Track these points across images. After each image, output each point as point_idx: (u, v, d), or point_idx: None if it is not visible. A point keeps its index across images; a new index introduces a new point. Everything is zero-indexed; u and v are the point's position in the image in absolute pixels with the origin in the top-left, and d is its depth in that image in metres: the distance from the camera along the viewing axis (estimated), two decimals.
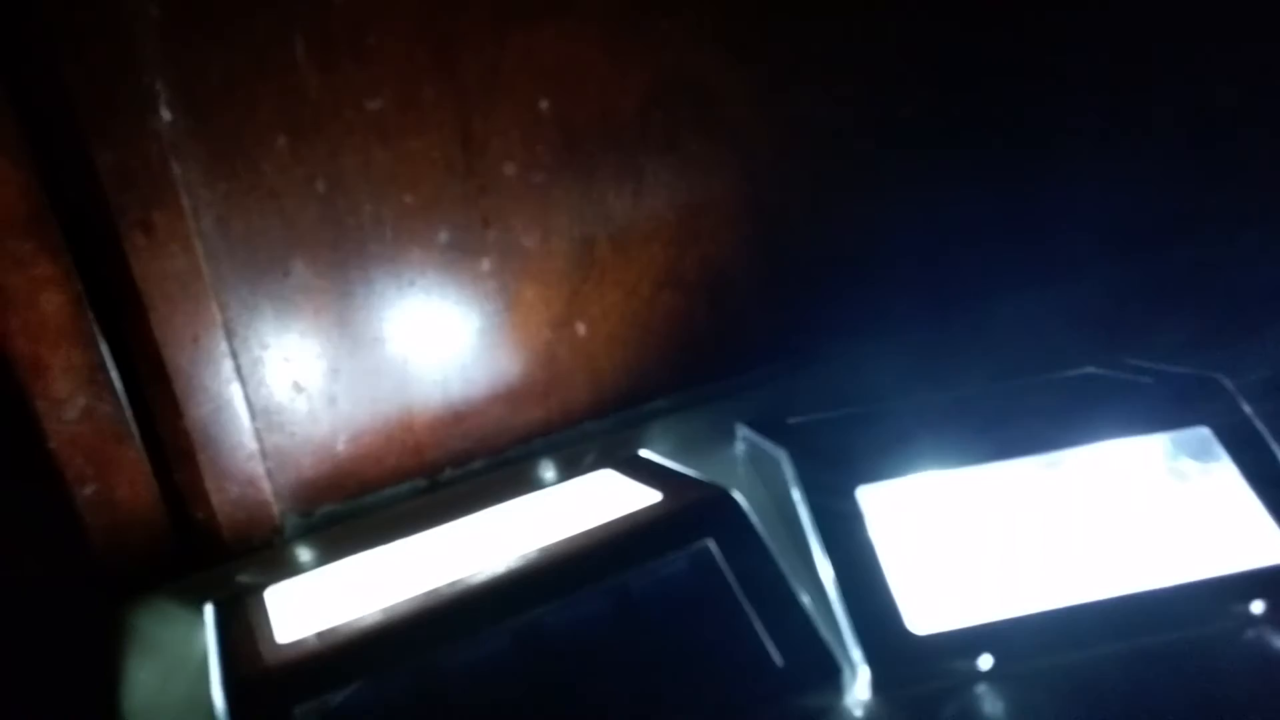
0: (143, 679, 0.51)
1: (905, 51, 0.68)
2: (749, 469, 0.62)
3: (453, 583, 0.49)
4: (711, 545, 0.51)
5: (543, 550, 0.51)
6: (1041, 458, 0.55)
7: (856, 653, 0.48)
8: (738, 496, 0.54)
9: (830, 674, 0.48)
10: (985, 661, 0.48)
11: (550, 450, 0.65)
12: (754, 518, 0.53)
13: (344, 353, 0.57)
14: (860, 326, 0.71)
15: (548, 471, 0.64)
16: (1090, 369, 0.65)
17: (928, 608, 0.50)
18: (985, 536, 0.53)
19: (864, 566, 0.51)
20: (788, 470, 0.54)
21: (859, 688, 0.48)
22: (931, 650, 0.48)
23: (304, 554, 0.57)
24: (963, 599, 0.50)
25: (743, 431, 0.62)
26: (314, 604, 0.52)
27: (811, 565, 0.52)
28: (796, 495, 0.53)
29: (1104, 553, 0.52)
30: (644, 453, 0.64)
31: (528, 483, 0.63)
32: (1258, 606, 0.50)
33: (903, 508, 0.53)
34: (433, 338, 0.60)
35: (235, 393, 0.54)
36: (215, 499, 0.56)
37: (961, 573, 0.52)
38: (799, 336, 0.72)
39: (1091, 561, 0.52)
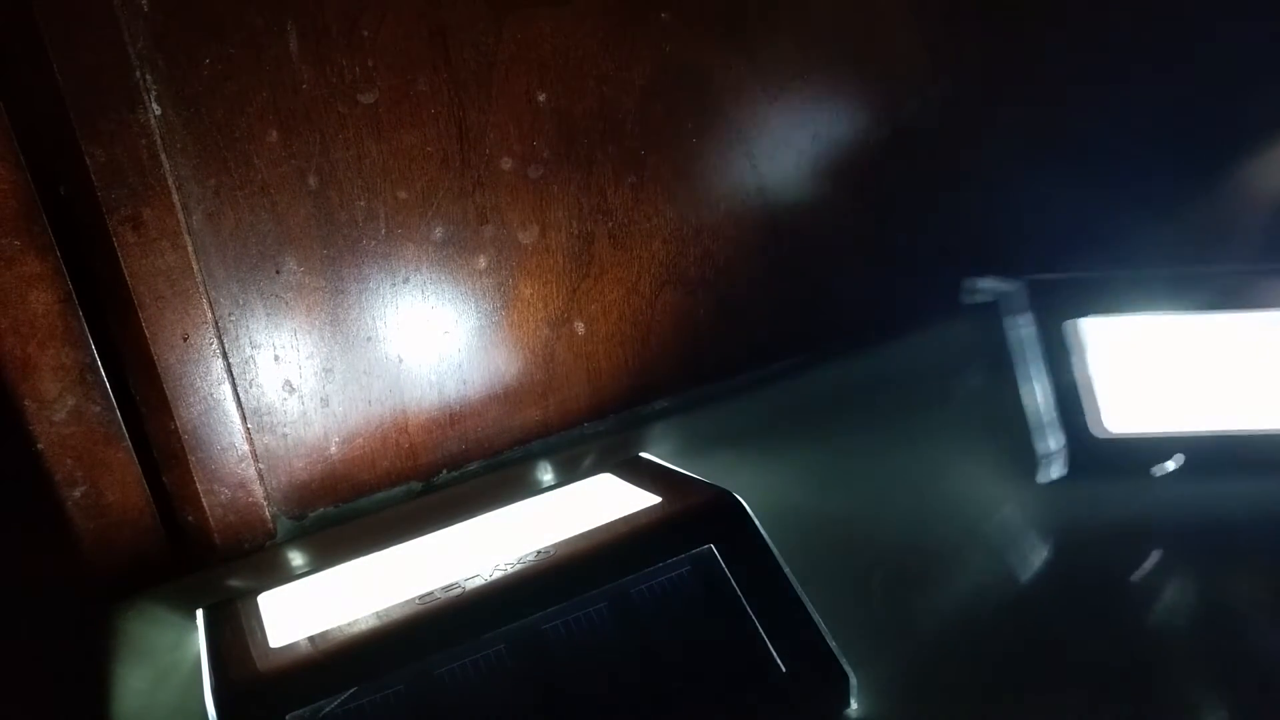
0: (133, 684, 0.50)
1: (912, 43, 0.67)
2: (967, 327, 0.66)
3: (448, 588, 0.49)
4: (714, 549, 0.50)
5: (541, 555, 0.51)
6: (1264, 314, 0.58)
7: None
8: (740, 499, 0.53)
9: (835, 681, 0.47)
10: (1173, 463, 0.55)
11: (548, 452, 0.64)
12: (757, 520, 0.52)
13: (337, 352, 0.56)
14: (867, 324, 0.70)
15: (546, 474, 0.63)
16: None
17: (1125, 415, 0.56)
18: (1194, 380, 0.58)
19: (1074, 386, 0.58)
20: (1019, 301, 0.60)
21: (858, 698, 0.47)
22: (1121, 450, 0.56)
23: (297, 558, 0.57)
24: (1159, 413, 0.57)
25: (971, 284, 0.64)
26: (307, 609, 0.51)
27: (1030, 385, 0.58)
28: (1023, 321, 0.59)
29: None
30: (644, 455, 0.63)
31: (525, 486, 0.62)
32: None
33: (1121, 343, 0.59)
34: (428, 337, 0.59)
35: (226, 393, 0.53)
36: (206, 501, 0.55)
37: (1164, 394, 0.57)
38: (804, 335, 0.71)
39: None
